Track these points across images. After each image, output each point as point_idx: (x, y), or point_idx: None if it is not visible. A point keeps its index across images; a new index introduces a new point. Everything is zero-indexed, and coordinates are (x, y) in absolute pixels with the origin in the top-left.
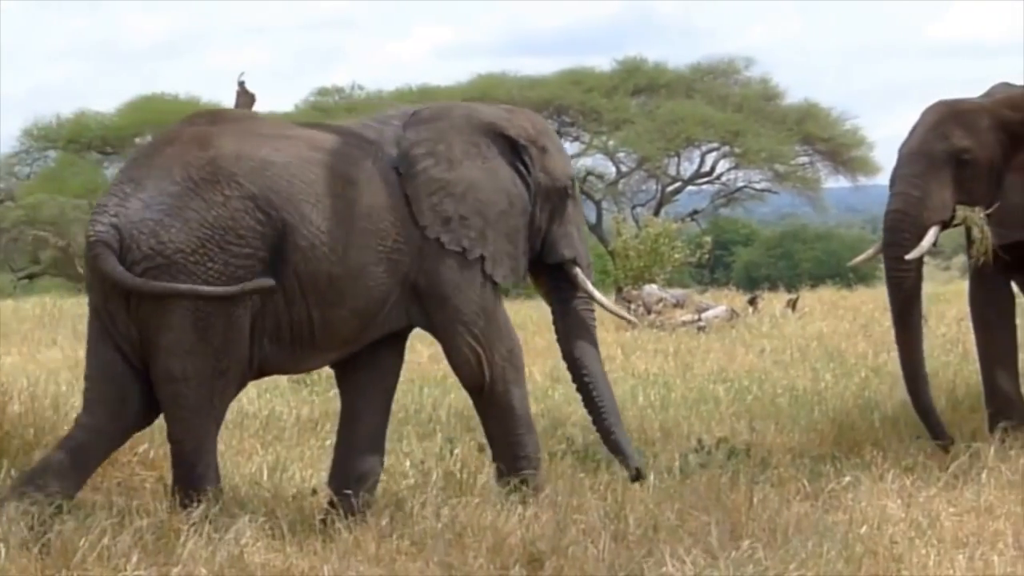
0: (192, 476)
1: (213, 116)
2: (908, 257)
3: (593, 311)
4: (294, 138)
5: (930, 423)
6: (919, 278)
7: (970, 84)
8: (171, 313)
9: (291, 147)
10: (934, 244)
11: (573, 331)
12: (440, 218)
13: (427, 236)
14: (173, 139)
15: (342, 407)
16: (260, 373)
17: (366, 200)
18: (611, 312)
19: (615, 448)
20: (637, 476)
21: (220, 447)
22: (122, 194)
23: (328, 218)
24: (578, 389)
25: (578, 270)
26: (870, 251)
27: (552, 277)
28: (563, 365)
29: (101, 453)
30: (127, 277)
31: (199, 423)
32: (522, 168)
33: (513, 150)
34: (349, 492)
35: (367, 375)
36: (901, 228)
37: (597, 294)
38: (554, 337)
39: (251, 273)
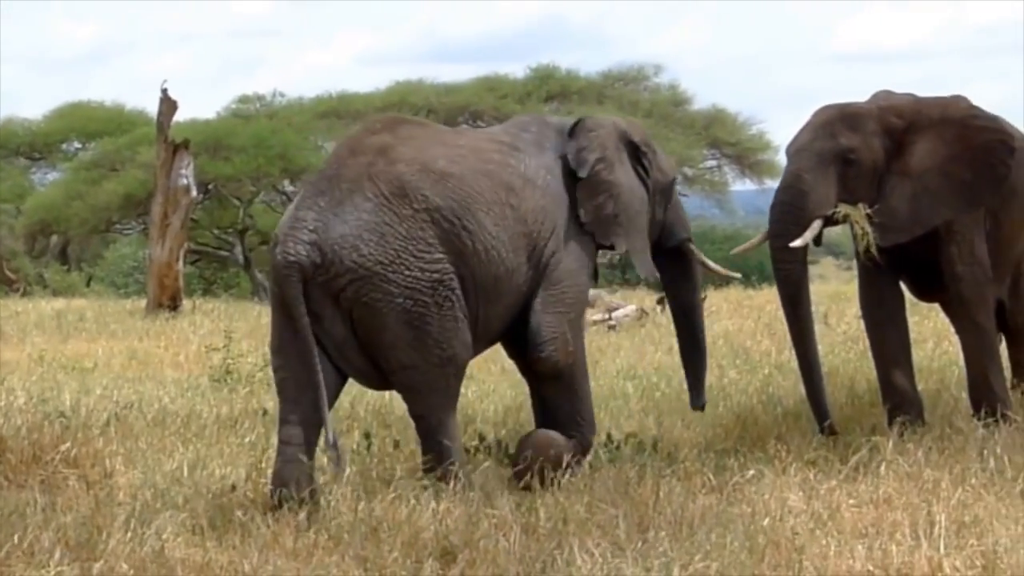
0: (440, 448)
1: (391, 125)
2: (792, 245)
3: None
4: (463, 148)
5: (818, 410)
6: (805, 269)
7: (870, 89)
8: (384, 316)
9: (463, 158)
10: (817, 242)
11: (688, 297)
12: (600, 216)
13: (580, 231)
14: (356, 150)
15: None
16: None
17: (522, 205)
18: (721, 274)
19: (694, 383)
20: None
21: (141, 444)
22: (318, 208)
23: (496, 224)
24: (684, 344)
25: (693, 245)
26: (754, 240)
27: (665, 260)
28: (475, 363)
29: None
30: (299, 306)
31: (437, 401)
32: (642, 172)
33: (635, 155)
34: None
35: None
36: (787, 220)
37: (711, 263)
38: None
39: (445, 275)
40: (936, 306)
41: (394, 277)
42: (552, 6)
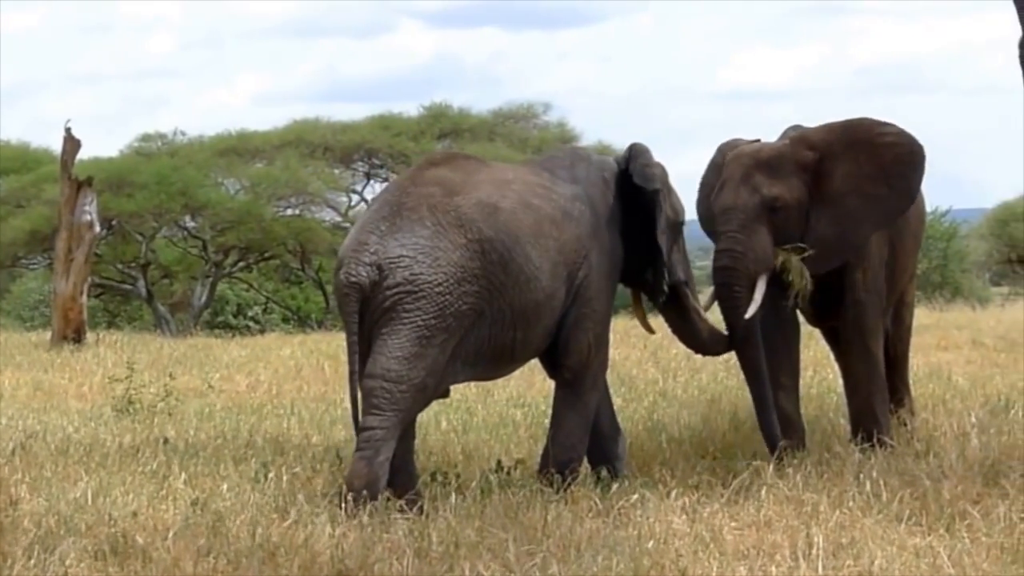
0: (372, 467)
1: (448, 159)
2: (747, 316)
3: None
4: (512, 183)
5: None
6: (756, 325)
7: (750, 125)
8: (405, 325)
9: (513, 193)
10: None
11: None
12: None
13: (605, 254)
14: (417, 180)
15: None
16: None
17: (562, 235)
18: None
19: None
20: None
21: (45, 473)
22: (379, 232)
23: (540, 254)
24: None
25: (687, 290)
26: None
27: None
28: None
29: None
30: (352, 323)
31: (394, 422)
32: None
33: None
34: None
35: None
36: (732, 283)
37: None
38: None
39: (472, 308)
40: (816, 334)
41: (437, 298)
42: (445, 46)
